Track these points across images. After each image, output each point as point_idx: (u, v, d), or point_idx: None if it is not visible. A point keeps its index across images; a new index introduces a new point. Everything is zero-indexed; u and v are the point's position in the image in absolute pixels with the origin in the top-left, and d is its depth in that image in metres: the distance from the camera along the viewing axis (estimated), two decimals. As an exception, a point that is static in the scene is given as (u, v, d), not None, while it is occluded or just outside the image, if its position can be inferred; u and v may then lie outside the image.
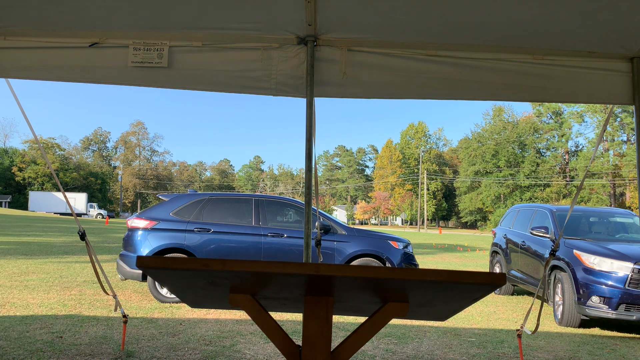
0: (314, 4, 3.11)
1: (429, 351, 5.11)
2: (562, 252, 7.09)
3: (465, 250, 23.92)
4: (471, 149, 75.27)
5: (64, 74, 3.45)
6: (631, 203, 55.12)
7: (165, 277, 1.29)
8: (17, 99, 3.59)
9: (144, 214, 7.89)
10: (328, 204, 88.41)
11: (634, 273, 6.26)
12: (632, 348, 5.75)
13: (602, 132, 4.88)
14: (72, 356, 4.40)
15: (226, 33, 3.42)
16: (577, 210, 8.70)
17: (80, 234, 3.74)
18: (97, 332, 5.29)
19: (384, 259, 7.84)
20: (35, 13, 3.26)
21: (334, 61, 3.48)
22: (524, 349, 5.33)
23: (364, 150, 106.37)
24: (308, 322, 1.33)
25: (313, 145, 3.45)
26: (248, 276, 1.20)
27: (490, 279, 1.15)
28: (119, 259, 7.75)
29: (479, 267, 15.48)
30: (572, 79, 3.53)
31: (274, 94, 3.52)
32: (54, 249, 14.82)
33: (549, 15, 3.15)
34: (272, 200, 8.47)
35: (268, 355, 4.69)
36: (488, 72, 3.51)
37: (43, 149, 4.11)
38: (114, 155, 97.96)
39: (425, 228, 71.95)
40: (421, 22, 3.29)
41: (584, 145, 66.79)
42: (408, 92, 3.55)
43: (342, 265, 1.15)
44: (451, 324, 6.54)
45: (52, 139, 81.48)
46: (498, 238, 10.14)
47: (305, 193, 3.43)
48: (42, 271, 9.90)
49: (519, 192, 68.36)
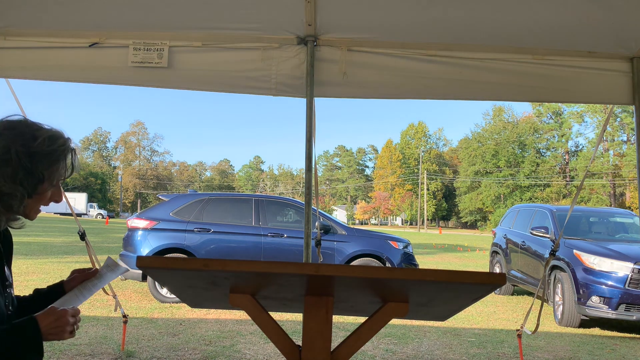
0: (314, 4, 3.11)
1: (429, 351, 5.11)
2: (562, 252, 7.09)
3: (465, 250, 23.92)
4: (471, 149, 75.26)
5: (64, 74, 3.45)
6: (631, 203, 55.10)
7: (165, 277, 1.29)
8: (17, 99, 3.59)
9: (144, 214, 7.89)
10: (328, 204, 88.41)
11: (634, 273, 6.26)
12: (632, 348, 5.75)
13: (602, 132, 4.88)
14: (72, 356, 4.40)
15: (226, 33, 3.41)
16: (577, 210, 8.70)
17: (80, 234, 3.74)
18: (97, 332, 5.29)
19: (384, 259, 7.84)
20: (36, 13, 3.26)
21: (334, 61, 3.47)
22: (524, 349, 5.33)
23: (364, 150, 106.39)
24: (308, 322, 1.33)
25: (313, 145, 3.45)
26: (248, 276, 1.20)
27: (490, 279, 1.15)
28: (119, 259, 7.75)
29: (479, 267, 15.47)
30: (572, 79, 3.52)
31: (274, 94, 3.52)
32: (54, 249, 14.81)
33: (549, 15, 3.15)
34: (272, 200, 8.47)
35: (268, 355, 4.69)
36: (488, 72, 3.51)
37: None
38: (114, 155, 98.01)
39: (425, 228, 71.96)
40: (421, 22, 3.29)
41: (584, 145, 66.83)
42: (408, 92, 3.55)
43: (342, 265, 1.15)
44: (451, 324, 6.54)
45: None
46: (498, 238, 10.13)
47: (305, 193, 3.43)
48: (42, 271, 9.90)
49: (519, 192, 68.34)
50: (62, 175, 1.43)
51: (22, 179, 1.34)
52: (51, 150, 1.38)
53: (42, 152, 1.36)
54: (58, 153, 1.40)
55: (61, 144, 1.41)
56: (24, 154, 1.34)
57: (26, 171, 1.34)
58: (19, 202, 1.35)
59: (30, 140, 1.36)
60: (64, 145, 1.42)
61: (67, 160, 1.43)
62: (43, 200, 1.42)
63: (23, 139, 1.35)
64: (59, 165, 1.41)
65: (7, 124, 1.38)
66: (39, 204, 1.43)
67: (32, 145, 1.35)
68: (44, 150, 1.37)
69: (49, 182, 1.40)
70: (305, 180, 3.46)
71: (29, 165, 1.34)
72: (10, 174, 1.32)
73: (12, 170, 1.32)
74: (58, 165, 1.41)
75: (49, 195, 1.43)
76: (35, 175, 1.36)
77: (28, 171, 1.34)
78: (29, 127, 1.39)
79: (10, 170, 1.32)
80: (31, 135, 1.37)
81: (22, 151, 1.34)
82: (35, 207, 1.42)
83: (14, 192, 1.33)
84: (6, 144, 1.33)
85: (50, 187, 1.42)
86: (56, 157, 1.40)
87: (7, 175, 1.32)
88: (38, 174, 1.36)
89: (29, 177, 1.35)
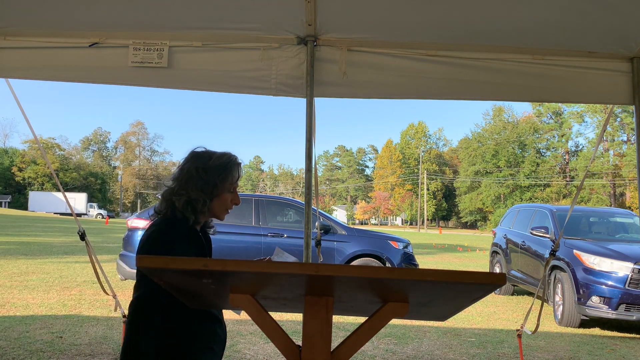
0: (314, 4, 3.11)
1: (429, 351, 5.11)
2: (562, 252, 7.09)
3: (465, 250, 23.92)
4: (471, 149, 75.25)
5: (64, 74, 3.45)
6: (631, 203, 55.11)
7: (165, 277, 1.29)
8: (17, 99, 3.59)
9: (144, 214, 7.89)
10: (328, 204, 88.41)
11: (634, 273, 6.26)
12: (632, 348, 5.75)
13: (602, 132, 4.88)
14: (72, 356, 4.40)
15: (226, 33, 3.41)
16: (577, 210, 8.70)
17: (80, 234, 3.74)
18: (97, 332, 5.29)
19: (384, 259, 7.84)
20: (36, 13, 3.26)
21: (334, 61, 3.47)
22: (524, 349, 5.33)
23: (364, 150, 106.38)
24: (308, 322, 1.33)
25: (313, 145, 3.45)
26: (248, 276, 1.20)
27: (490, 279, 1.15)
28: (119, 259, 7.75)
29: (479, 267, 15.47)
30: (572, 79, 3.52)
31: (274, 94, 3.52)
32: (54, 249, 14.81)
33: (549, 16, 3.15)
34: (272, 200, 8.47)
35: (268, 355, 4.69)
36: (488, 72, 3.51)
37: (43, 149, 4.11)
38: (113, 155, 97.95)
39: (425, 228, 71.95)
40: (421, 22, 3.29)
41: (584, 145, 66.84)
42: (408, 92, 3.55)
43: (342, 265, 1.15)
44: (451, 324, 6.54)
45: (52, 139, 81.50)
46: (498, 238, 10.13)
47: (305, 193, 3.43)
48: (42, 271, 9.90)
49: (519, 192, 68.33)
50: (233, 182, 1.96)
51: (202, 187, 1.88)
52: (220, 164, 1.93)
53: (214, 166, 1.92)
54: (226, 166, 1.93)
55: (227, 159, 1.95)
56: (202, 170, 1.90)
57: (204, 181, 1.89)
58: (202, 204, 1.88)
59: (206, 160, 1.93)
60: (230, 160, 1.96)
61: (233, 171, 1.96)
62: (225, 204, 1.95)
63: (202, 160, 1.94)
64: (228, 175, 1.94)
65: (193, 153, 1.98)
66: (223, 207, 1.95)
67: (207, 163, 1.92)
68: (215, 165, 1.92)
69: (222, 188, 1.92)
70: (305, 180, 3.46)
71: (205, 177, 1.90)
72: (194, 185, 1.88)
73: (195, 182, 1.88)
74: (227, 175, 1.93)
75: (229, 199, 1.96)
76: (211, 183, 1.90)
77: (205, 181, 1.89)
78: (207, 152, 1.97)
79: (194, 182, 1.88)
80: (208, 157, 1.95)
81: (201, 168, 1.91)
82: (220, 209, 1.95)
83: (198, 197, 1.87)
84: (191, 165, 1.92)
85: (227, 192, 1.95)
86: (225, 168, 1.93)
87: (192, 186, 1.88)
88: (212, 182, 1.90)
89: (206, 185, 1.89)
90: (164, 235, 1.83)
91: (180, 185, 1.89)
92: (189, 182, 1.88)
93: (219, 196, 1.92)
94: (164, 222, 1.87)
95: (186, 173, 1.91)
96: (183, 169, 1.94)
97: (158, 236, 1.83)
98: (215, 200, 1.92)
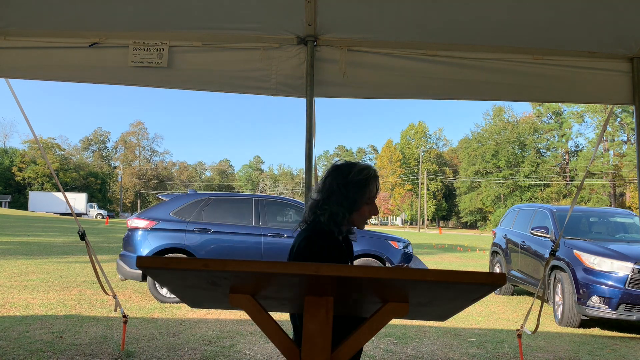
0: (314, 4, 3.11)
1: (429, 351, 5.11)
2: (562, 252, 7.09)
3: (465, 250, 23.92)
4: (471, 149, 75.24)
5: (64, 74, 3.45)
6: (631, 203, 55.12)
7: (165, 277, 1.29)
8: (17, 99, 3.59)
9: (143, 214, 7.88)
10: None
11: (634, 273, 6.26)
12: (632, 348, 5.75)
13: (602, 132, 4.88)
14: (72, 356, 4.40)
15: (226, 33, 3.41)
16: (577, 210, 8.70)
17: (80, 234, 3.74)
18: (97, 332, 5.29)
19: (384, 259, 7.84)
20: (35, 13, 3.26)
21: (334, 61, 3.47)
22: (524, 349, 5.33)
23: (364, 150, 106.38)
24: (308, 322, 1.33)
25: (313, 145, 3.45)
26: (248, 276, 1.20)
27: (490, 279, 1.15)
28: (119, 259, 7.75)
29: (479, 267, 15.47)
30: (572, 79, 3.52)
31: (274, 94, 3.52)
32: (54, 249, 14.82)
33: (549, 16, 3.15)
34: (272, 200, 8.46)
35: (268, 355, 4.69)
36: (488, 72, 3.51)
37: (43, 149, 4.11)
38: (113, 155, 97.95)
39: (425, 228, 71.94)
40: (421, 22, 3.29)
41: (584, 145, 66.82)
42: (408, 92, 3.55)
43: (342, 265, 1.15)
44: (451, 324, 6.54)
45: (52, 139, 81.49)
46: (498, 238, 10.13)
47: (305, 193, 3.43)
48: (42, 271, 9.90)
49: (519, 192, 68.33)
50: (371, 196, 2.01)
51: (342, 202, 1.97)
52: (359, 179, 1.98)
53: (353, 181, 1.98)
54: (365, 180, 1.99)
55: (366, 174, 2.00)
56: (342, 185, 1.98)
57: (343, 196, 1.97)
58: (342, 218, 1.97)
59: (346, 175, 1.99)
60: (369, 174, 2.00)
61: (371, 185, 2.00)
62: (363, 216, 2.03)
63: (341, 174, 2.00)
64: (366, 190, 1.99)
65: (333, 166, 2.06)
66: (362, 218, 2.03)
67: (347, 178, 1.98)
68: (355, 180, 1.98)
69: (360, 202, 1.99)
70: (305, 180, 3.46)
71: (345, 192, 1.97)
72: (335, 200, 1.97)
73: (336, 197, 1.97)
74: (366, 189, 1.99)
75: (367, 211, 2.03)
76: (350, 198, 1.97)
77: (345, 196, 1.97)
78: (346, 166, 2.03)
79: (335, 197, 1.97)
80: (347, 171, 2.00)
81: (342, 183, 1.98)
82: (359, 220, 2.04)
83: (338, 212, 1.96)
84: (332, 180, 2.00)
85: (365, 205, 2.01)
86: (364, 183, 1.98)
87: (334, 201, 1.97)
88: (352, 197, 1.97)
89: (345, 200, 1.97)
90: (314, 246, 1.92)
91: (323, 200, 1.99)
92: (330, 197, 1.97)
93: (358, 210, 2.01)
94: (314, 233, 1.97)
95: (328, 188, 2.00)
96: (325, 182, 2.03)
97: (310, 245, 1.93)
98: (354, 213, 2.01)
